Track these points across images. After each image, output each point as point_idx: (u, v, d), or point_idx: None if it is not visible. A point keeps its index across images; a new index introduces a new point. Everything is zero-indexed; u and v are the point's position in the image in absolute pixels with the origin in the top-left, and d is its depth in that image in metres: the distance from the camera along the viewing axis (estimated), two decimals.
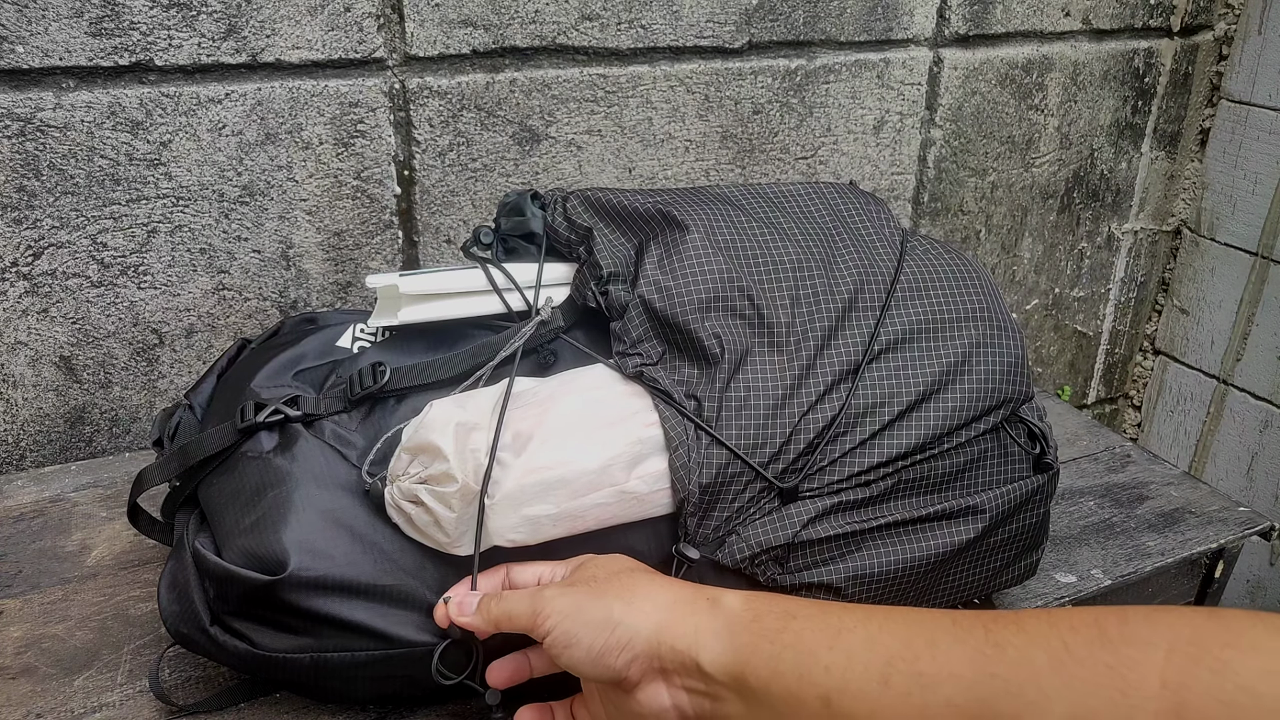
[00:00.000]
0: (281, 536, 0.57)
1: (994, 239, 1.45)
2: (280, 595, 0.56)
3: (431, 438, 0.56)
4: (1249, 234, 1.53)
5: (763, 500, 0.62)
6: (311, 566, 0.56)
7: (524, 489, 0.56)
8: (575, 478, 0.57)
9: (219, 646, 0.58)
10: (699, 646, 0.49)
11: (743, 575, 0.63)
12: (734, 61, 1.14)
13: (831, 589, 0.63)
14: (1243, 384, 1.59)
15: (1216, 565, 0.88)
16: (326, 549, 0.57)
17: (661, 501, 0.60)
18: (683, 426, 0.60)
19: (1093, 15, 1.37)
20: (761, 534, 0.61)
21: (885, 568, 0.63)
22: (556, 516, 0.58)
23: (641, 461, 0.60)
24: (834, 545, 0.63)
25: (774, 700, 0.46)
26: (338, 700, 0.63)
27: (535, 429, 0.58)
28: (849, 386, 0.63)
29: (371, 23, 0.94)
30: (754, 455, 0.61)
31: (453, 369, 0.65)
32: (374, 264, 1.04)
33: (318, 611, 0.56)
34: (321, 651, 0.57)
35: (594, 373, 0.64)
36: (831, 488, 0.62)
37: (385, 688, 0.60)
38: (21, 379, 0.93)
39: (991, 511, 0.66)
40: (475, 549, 0.57)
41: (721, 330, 0.64)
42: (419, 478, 0.56)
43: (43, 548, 0.78)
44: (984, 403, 0.66)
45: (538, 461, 0.57)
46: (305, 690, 0.61)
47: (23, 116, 0.84)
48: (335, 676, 0.58)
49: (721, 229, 0.68)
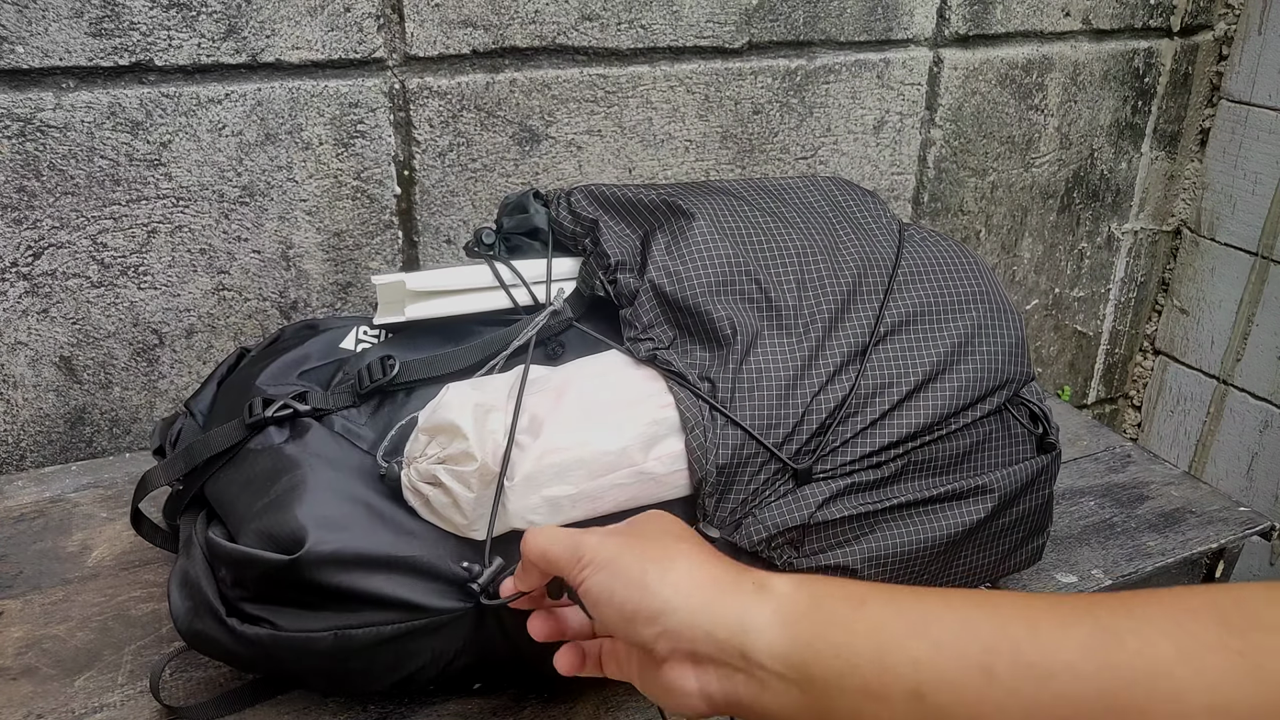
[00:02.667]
0: (297, 514, 0.56)
1: (994, 239, 1.45)
2: (300, 573, 0.55)
3: (450, 417, 0.56)
4: (1249, 234, 1.53)
5: (778, 482, 0.62)
6: (329, 540, 0.55)
7: (543, 470, 0.57)
8: (594, 458, 0.58)
9: (236, 638, 0.57)
10: (746, 633, 0.43)
11: (759, 558, 0.63)
12: (734, 61, 1.14)
13: (848, 570, 0.63)
14: (1243, 384, 1.59)
15: (1217, 565, 0.88)
16: (343, 523, 0.56)
17: (679, 483, 0.61)
18: (698, 408, 0.61)
19: (1093, 15, 1.37)
20: (778, 516, 0.62)
21: (900, 549, 0.64)
22: (575, 497, 0.58)
23: (658, 442, 0.60)
24: (849, 526, 0.63)
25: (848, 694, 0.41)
26: (355, 686, 0.61)
27: (552, 412, 0.58)
28: (857, 368, 0.65)
29: (371, 23, 0.94)
30: (768, 436, 0.62)
31: (463, 361, 0.65)
32: (374, 264, 1.04)
33: (339, 586, 0.55)
34: (345, 628, 0.56)
35: (606, 358, 0.65)
36: (844, 469, 0.63)
37: (407, 666, 0.59)
38: (21, 379, 0.93)
39: (1000, 491, 0.67)
40: (489, 532, 0.57)
41: (732, 313, 0.64)
42: (437, 458, 0.56)
43: (43, 548, 0.78)
44: (988, 383, 0.67)
45: (556, 443, 0.57)
46: (324, 676, 0.60)
47: (23, 117, 0.84)
48: (358, 655, 0.57)
49: (726, 217, 0.69)
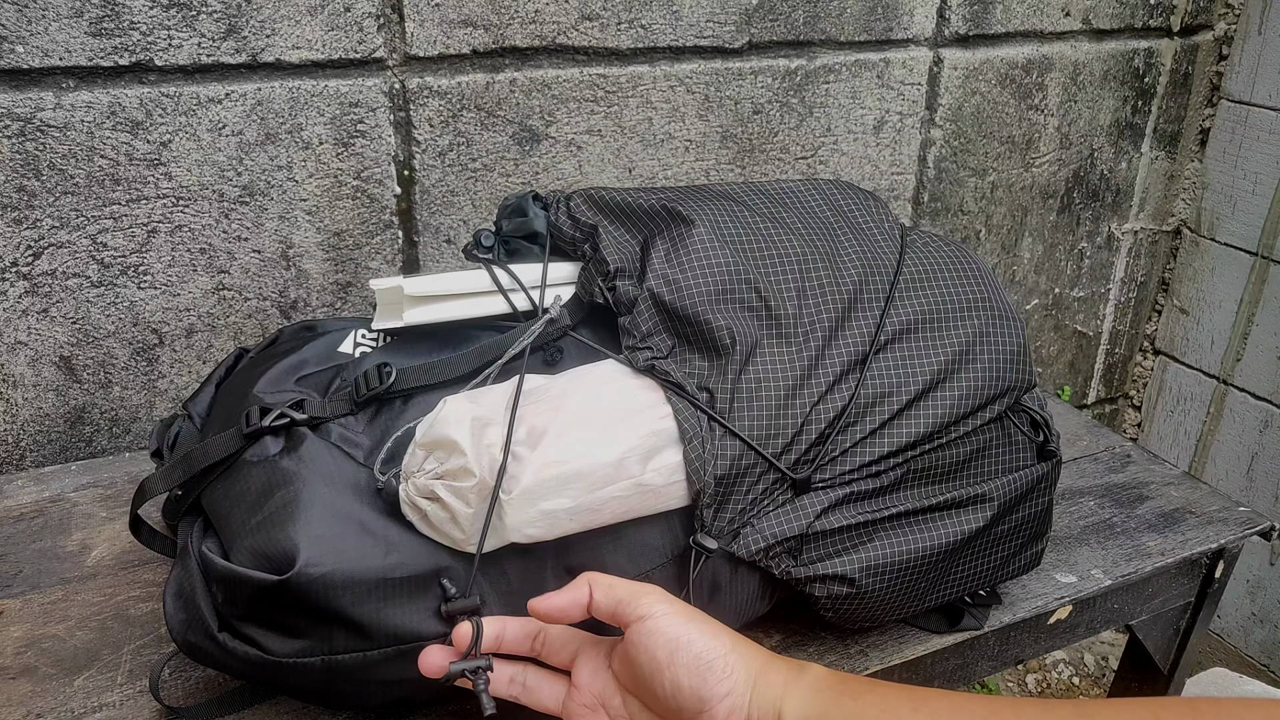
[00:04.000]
0: (290, 533, 0.55)
1: (994, 239, 1.45)
2: (290, 594, 0.54)
3: (448, 432, 0.55)
4: (1249, 234, 1.53)
5: (776, 491, 0.62)
6: (321, 562, 0.55)
7: (541, 483, 0.56)
8: (592, 471, 0.57)
9: (228, 654, 0.57)
10: (784, 699, 0.50)
11: (756, 567, 0.63)
12: (734, 61, 1.14)
13: (845, 580, 0.63)
14: (1243, 384, 1.59)
15: (1217, 565, 0.88)
16: (336, 543, 0.56)
17: (677, 494, 0.61)
18: (696, 419, 0.61)
19: (1093, 15, 1.37)
20: (776, 525, 0.62)
21: (897, 557, 0.64)
22: (574, 510, 0.57)
23: (657, 454, 0.60)
24: (847, 536, 0.63)
25: None
26: (350, 705, 0.62)
27: (550, 423, 0.58)
28: (857, 377, 0.64)
29: (371, 23, 0.94)
30: (766, 446, 0.61)
31: (460, 368, 0.65)
32: (374, 264, 1.04)
33: (329, 609, 0.55)
34: (333, 654, 0.56)
35: (605, 367, 0.64)
36: (843, 478, 0.63)
37: (399, 690, 0.59)
38: (21, 379, 0.93)
39: (999, 499, 0.67)
40: (479, 544, 0.57)
41: (731, 322, 0.64)
42: (435, 473, 0.56)
43: (43, 548, 0.78)
44: (988, 391, 0.67)
45: (554, 455, 0.57)
46: (317, 697, 0.60)
47: (23, 116, 0.84)
48: (348, 679, 0.57)
49: (726, 223, 0.69)
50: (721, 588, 0.63)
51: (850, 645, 0.71)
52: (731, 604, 0.64)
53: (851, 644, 0.71)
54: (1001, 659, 0.78)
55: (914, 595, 0.67)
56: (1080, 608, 0.80)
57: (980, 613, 0.74)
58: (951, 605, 0.73)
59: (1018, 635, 0.78)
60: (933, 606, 0.71)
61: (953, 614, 0.73)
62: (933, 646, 0.72)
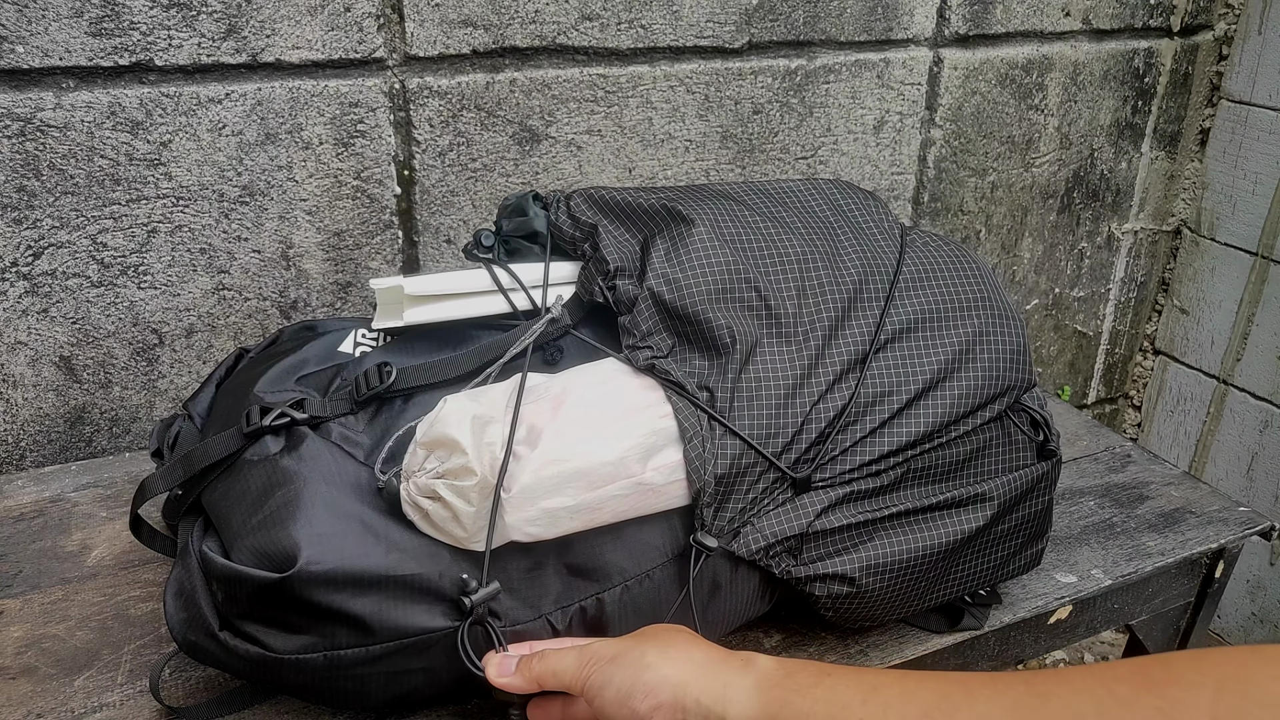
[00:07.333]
0: (291, 531, 0.56)
1: (994, 239, 1.45)
2: (291, 592, 0.55)
3: (449, 431, 0.56)
4: (1249, 234, 1.53)
5: (776, 491, 0.62)
6: (321, 559, 0.55)
7: (541, 481, 0.56)
8: (592, 469, 0.57)
9: (229, 652, 0.57)
10: (727, 701, 0.49)
11: (756, 567, 0.63)
12: (734, 61, 1.14)
13: (845, 579, 0.63)
14: (1243, 384, 1.59)
15: (1217, 565, 0.88)
16: (337, 541, 0.56)
17: (677, 493, 0.61)
18: (696, 418, 0.61)
19: (1093, 15, 1.37)
20: (776, 525, 0.62)
21: (897, 557, 0.64)
22: (574, 509, 0.58)
23: (657, 453, 0.60)
24: (847, 535, 0.63)
25: None
26: (351, 704, 0.61)
27: (550, 422, 0.58)
28: (857, 376, 0.64)
29: (371, 23, 0.94)
30: (767, 445, 0.62)
31: (460, 368, 0.65)
32: (374, 264, 1.04)
33: (330, 606, 0.55)
34: (335, 649, 0.56)
35: (605, 366, 0.64)
36: (843, 478, 0.63)
37: (401, 685, 0.59)
38: (21, 379, 0.93)
39: (999, 498, 0.67)
40: (488, 539, 0.57)
41: (731, 321, 0.64)
42: (436, 472, 0.56)
43: (43, 548, 0.78)
44: (988, 390, 0.67)
45: (554, 454, 0.57)
46: (318, 694, 0.60)
47: (23, 116, 0.84)
48: (349, 676, 0.57)
49: (726, 223, 0.69)
50: (721, 587, 0.63)
51: (850, 645, 0.71)
52: (731, 603, 0.65)
53: (851, 644, 0.71)
54: (1001, 659, 0.78)
55: (914, 594, 0.67)
56: (1080, 608, 0.80)
57: (980, 612, 0.74)
58: (951, 605, 0.73)
59: (1018, 635, 0.78)
60: (933, 606, 0.71)
61: (953, 614, 0.73)
62: (933, 646, 0.72)
